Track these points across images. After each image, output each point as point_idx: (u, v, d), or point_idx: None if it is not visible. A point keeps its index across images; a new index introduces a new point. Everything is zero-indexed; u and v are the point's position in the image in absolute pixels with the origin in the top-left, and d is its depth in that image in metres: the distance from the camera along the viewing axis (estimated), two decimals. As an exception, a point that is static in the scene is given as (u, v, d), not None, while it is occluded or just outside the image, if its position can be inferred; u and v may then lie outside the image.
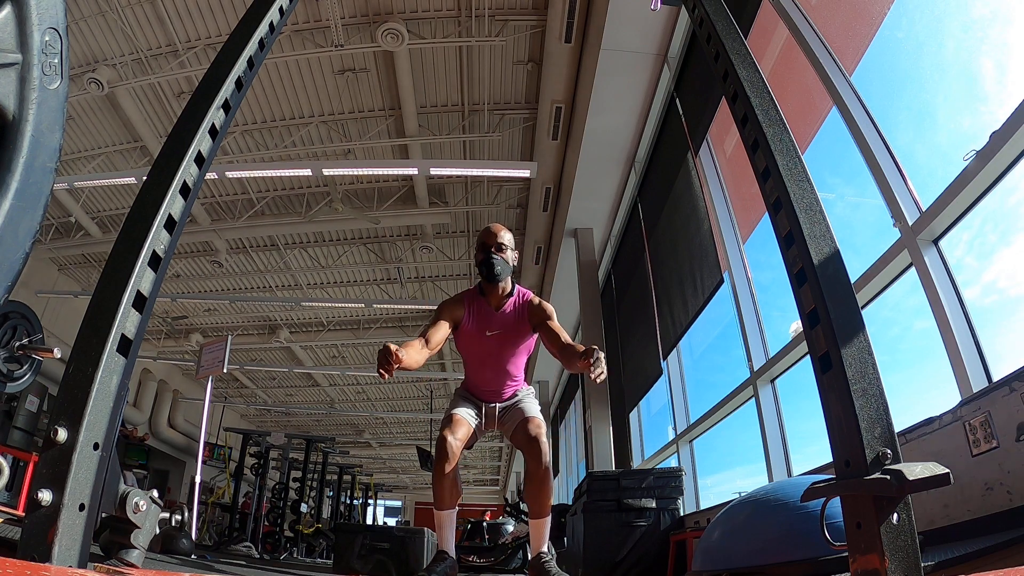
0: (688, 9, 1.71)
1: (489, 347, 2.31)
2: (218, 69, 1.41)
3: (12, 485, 4.76)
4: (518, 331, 2.31)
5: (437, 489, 2.16)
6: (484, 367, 2.36)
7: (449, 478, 2.15)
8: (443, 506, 2.18)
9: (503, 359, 2.33)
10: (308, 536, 8.14)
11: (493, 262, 2.26)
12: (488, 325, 2.30)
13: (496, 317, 2.31)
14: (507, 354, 2.32)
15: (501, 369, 2.34)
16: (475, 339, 2.31)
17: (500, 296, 2.33)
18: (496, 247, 2.28)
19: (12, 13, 0.80)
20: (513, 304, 2.33)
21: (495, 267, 2.26)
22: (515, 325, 2.31)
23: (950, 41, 2.49)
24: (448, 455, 2.13)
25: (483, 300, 2.34)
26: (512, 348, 2.32)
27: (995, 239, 2.23)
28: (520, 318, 2.31)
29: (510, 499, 11.99)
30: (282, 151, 7.80)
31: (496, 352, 2.31)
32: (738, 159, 4.32)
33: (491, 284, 2.30)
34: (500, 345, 2.30)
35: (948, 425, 1.87)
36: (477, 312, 2.32)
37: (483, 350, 2.32)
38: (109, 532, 1.21)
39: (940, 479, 0.87)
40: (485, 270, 2.28)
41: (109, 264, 1.11)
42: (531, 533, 2.25)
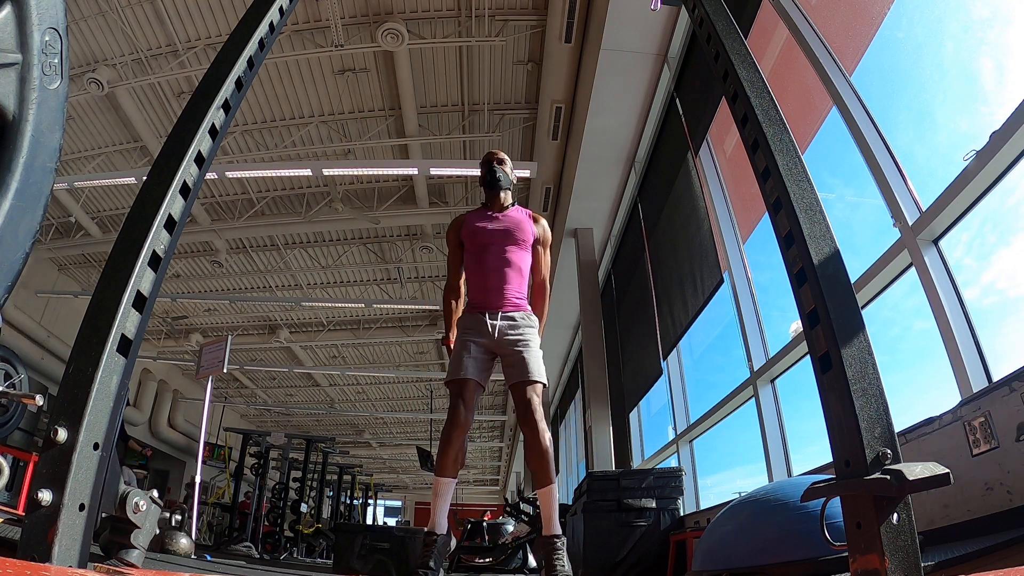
0: (688, 9, 1.71)
1: (490, 237, 2.39)
2: (218, 69, 1.41)
3: (12, 485, 4.75)
4: (520, 227, 2.41)
5: (443, 455, 2.14)
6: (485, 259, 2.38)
7: (455, 445, 2.14)
8: (445, 472, 2.15)
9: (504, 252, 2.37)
10: (308, 536, 8.13)
11: (494, 169, 2.45)
12: (490, 221, 2.44)
13: (498, 216, 2.45)
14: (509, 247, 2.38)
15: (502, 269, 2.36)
16: (477, 234, 2.41)
17: (502, 204, 2.48)
18: (497, 160, 2.48)
19: (12, 13, 0.80)
20: (516, 211, 2.49)
21: (496, 173, 2.45)
22: (517, 224, 2.43)
23: (949, 42, 2.49)
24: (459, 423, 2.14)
25: (484, 208, 2.50)
26: (514, 243, 2.39)
27: (994, 240, 2.23)
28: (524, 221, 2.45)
29: (510, 499, 11.98)
30: (282, 151, 7.81)
31: (499, 243, 2.38)
32: (738, 159, 4.32)
33: (493, 191, 2.47)
34: (502, 238, 2.39)
35: (948, 425, 1.87)
36: (480, 216, 2.47)
37: (484, 240, 2.40)
38: (109, 532, 1.21)
39: (940, 479, 0.87)
40: (488, 177, 2.45)
41: (109, 264, 1.11)
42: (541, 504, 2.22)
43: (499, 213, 2.45)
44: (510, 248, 2.38)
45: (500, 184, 2.44)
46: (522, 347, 2.28)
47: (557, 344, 10.16)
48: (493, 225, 2.41)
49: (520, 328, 2.32)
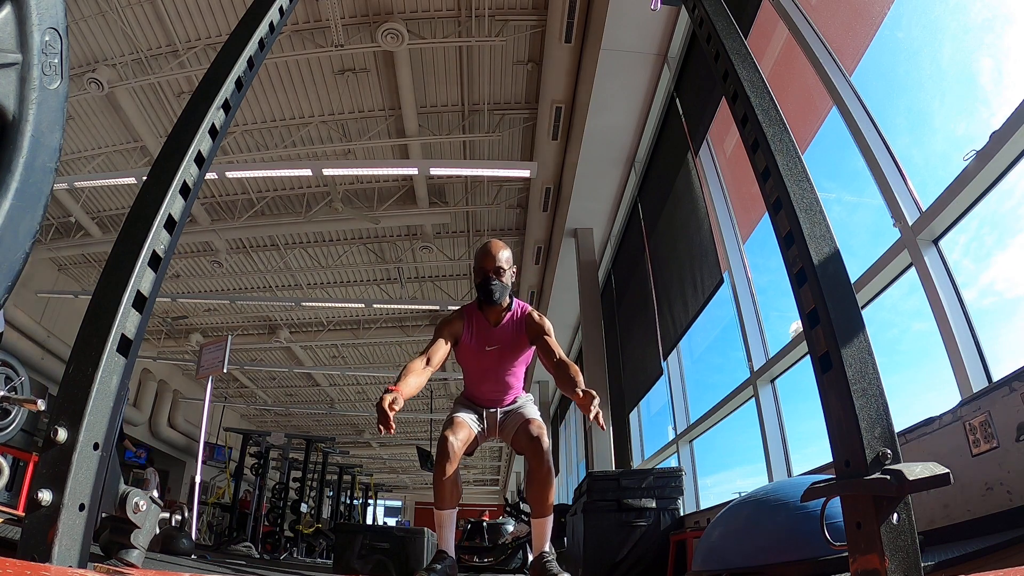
0: (688, 9, 1.71)
1: (489, 361, 2.35)
2: (218, 69, 1.41)
3: (12, 485, 4.75)
4: (516, 345, 2.34)
5: (438, 489, 2.18)
6: (484, 380, 2.40)
7: (450, 478, 2.17)
8: (444, 506, 2.20)
9: (502, 371, 2.36)
10: (308, 536, 8.13)
11: (492, 288, 2.27)
12: (487, 340, 2.33)
13: (495, 332, 2.33)
14: (506, 367, 2.36)
15: (501, 381, 2.38)
16: (475, 354, 2.35)
17: (499, 312, 2.35)
18: (494, 272, 2.28)
19: (12, 13, 0.80)
20: (511, 319, 2.34)
21: (494, 293, 2.28)
22: (513, 340, 2.33)
23: (948, 42, 2.49)
24: (449, 455, 2.15)
25: (481, 315, 2.36)
26: (511, 361, 2.36)
27: (992, 242, 2.23)
28: (518, 332, 2.33)
29: (510, 499, 11.98)
30: (282, 151, 7.81)
31: (495, 366, 2.35)
32: (738, 159, 4.32)
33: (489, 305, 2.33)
34: (499, 359, 2.34)
35: (948, 425, 1.87)
36: (476, 328, 2.34)
37: (483, 364, 2.36)
38: (109, 532, 1.21)
39: (940, 479, 0.87)
40: (484, 295, 2.30)
41: (109, 264, 1.11)
42: (533, 532, 2.27)
43: (496, 327, 2.33)
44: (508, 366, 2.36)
45: (497, 302, 2.29)
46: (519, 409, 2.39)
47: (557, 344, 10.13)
48: (491, 346, 2.32)
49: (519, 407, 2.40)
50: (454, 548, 2.24)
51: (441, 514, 2.21)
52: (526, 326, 2.32)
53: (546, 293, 9.17)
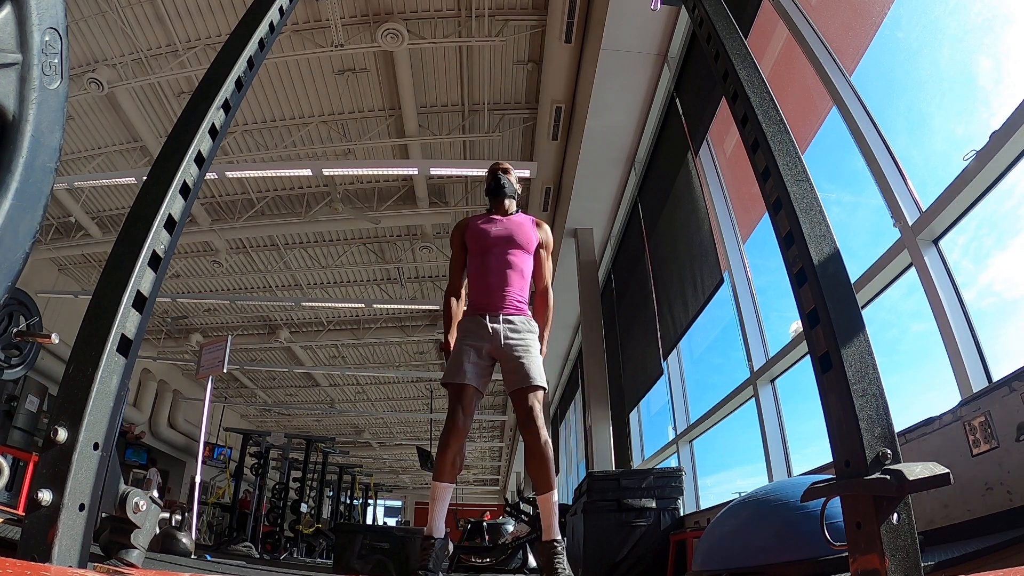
0: (688, 9, 1.71)
1: (493, 241, 2.42)
2: (218, 69, 1.41)
3: (12, 485, 4.76)
4: (523, 232, 2.45)
5: (441, 459, 2.14)
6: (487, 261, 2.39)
7: (454, 449, 2.14)
8: (443, 477, 2.15)
9: (507, 255, 2.40)
10: (308, 536, 8.13)
11: (500, 178, 2.53)
12: (494, 225, 2.47)
13: (502, 220, 2.49)
14: (511, 251, 2.40)
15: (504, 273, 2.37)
16: (480, 237, 2.44)
17: (506, 210, 2.54)
18: (502, 170, 2.56)
19: (12, 13, 0.80)
20: (520, 216, 2.54)
21: (501, 181, 2.52)
22: (520, 228, 2.47)
23: (948, 43, 2.49)
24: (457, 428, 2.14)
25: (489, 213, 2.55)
26: (516, 246, 2.41)
27: (991, 243, 2.23)
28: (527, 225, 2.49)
29: (510, 499, 11.98)
30: (282, 151, 7.81)
31: (501, 246, 2.40)
32: (738, 159, 4.32)
33: (498, 199, 2.54)
34: (505, 241, 2.41)
35: (948, 425, 1.87)
36: (484, 220, 2.51)
37: (487, 244, 2.42)
38: (109, 532, 1.21)
39: (940, 479, 0.87)
40: (494, 184, 2.53)
41: (109, 264, 1.11)
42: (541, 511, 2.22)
43: (503, 218, 2.50)
44: (513, 251, 2.40)
45: (505, 192, 2.52)
46: (522, 352, 2.27)
47: (557, 344, 10.16)
48: (496, 229, 2.44)
49: (521, 332, 2.31)
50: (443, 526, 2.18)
51: (438, 486, 2.15)
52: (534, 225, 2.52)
53: (546, 293, 9.14)
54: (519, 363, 2.25)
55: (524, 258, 2.42)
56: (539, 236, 2.49)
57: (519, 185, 2.61)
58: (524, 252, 2.42)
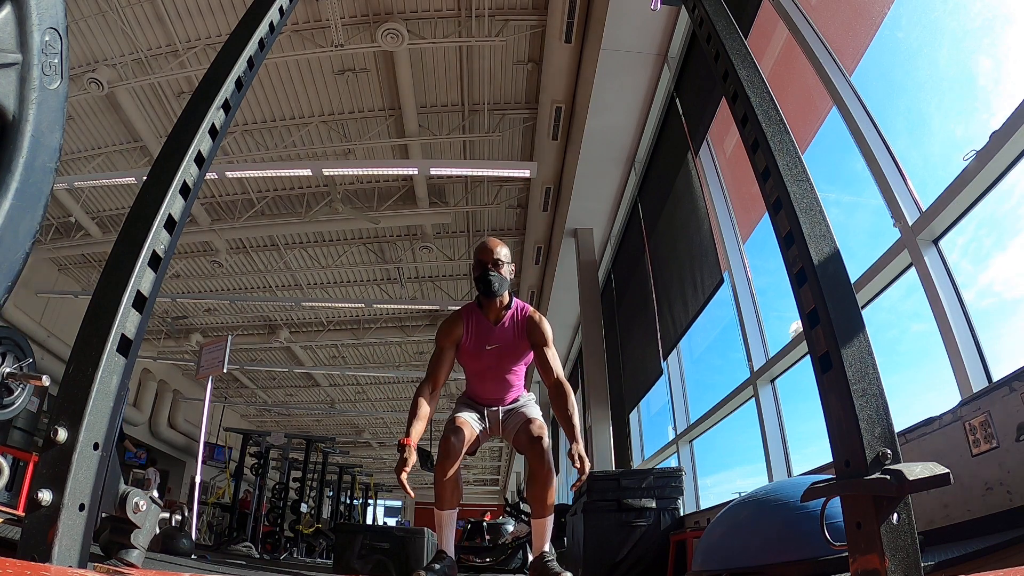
0: (688, 9, 1.71)
1: (489, 361, 2.33)
2: (218, 69, 1.41)
3: (12, 485, 4.75)
4: (517, 346, 2.33)
5: (439, 489, 2.18)
6: (485, 379, 2.39)
7: (451, 479, 2.17)
8: (444, 506, 2.20)
9: (503, 371, 2.36)
10: (308, 536, 8.13)
11: (490, 279, 2.26)
12: (487, 340, 2.31)
13: (495, 332, 2.31)
14: (507, 366, 2.36)
15: (501, 380, 2.38)
16: (475, 355, 2.34)
17: (498, 309, 2.33)
18: (492, 264, 2.28)
19: (12, 13, 0.80)
20: (511, 318, 2.33)
21: (492, 284, 2.26)
22: (514, 340, 2.32)
23: (947, 43, 2.49)
24: (451, 456, 2.15)
25: (481, 314, 2.34)
26: (511, 361, 2.36)
27: (990, 243, 2.23)
28: (519, 333, 2.32)
29: (510, 499, 11.97)
30: (282, 151, 7.80)
31: (496, 365, 2.34)
32: (738, 159, 4.32)
33: (489, 300, 2.32)
34: (499, 358, 2.33)
35: (948, 425, 1.87)
36: (476, 328, 2.33)
37: (483, 364, 2.35)
38: (109, 532, 1.21)
39: (940, 479, 0.87)
40: (482, 286, 2.28)
41: (109, 264, 1.11)
42: (533, 532, 2.26)
43: (496, 325, 2.32)
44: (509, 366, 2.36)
45: (496, 293, 2.28)
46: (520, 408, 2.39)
47: (557, 344, 10.12)
48: (490, 347, 2.31)
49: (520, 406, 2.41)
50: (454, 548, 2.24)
51: (441, 514, 2.22)
52: (527, 328, 2.32)
53: (546, 293, 9.17)
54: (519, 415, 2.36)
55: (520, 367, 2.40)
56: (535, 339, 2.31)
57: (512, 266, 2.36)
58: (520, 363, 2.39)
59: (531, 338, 2.30)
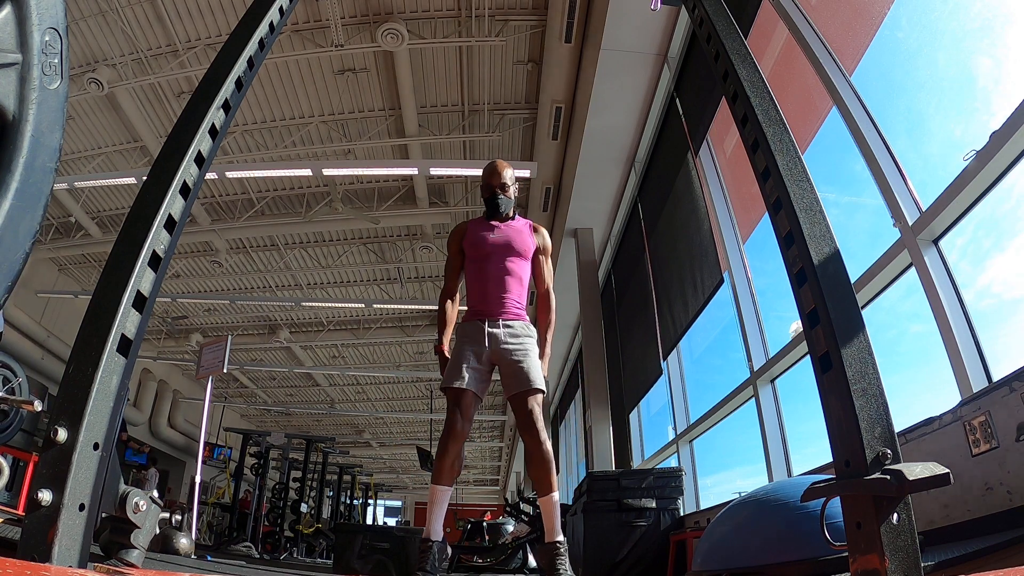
0: (688, 9, 1.71)
1: (491, 248, 2.41)
2: (218, 69, 1.41)
3: (12, 485, 4.75)
4: (521, 239, 2.44)
5: (439, 463, 2.15)
6: (485, 268, 2.40)
7: (452, 453, 2.15)
8: (441, 480, 2.15)
9: (505, 262, 2.39)
10: (308, 536, 8.13)
11: (499, 202, 2.45)
12: (491, 231, 2.45)
13: (500, 227, 2.47)
14: (510, 258, 2.40)
15: (503, 272, 2.38)
16: (478, 244, 2.42)
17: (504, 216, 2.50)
18: (500, 187, 2.46)
19: (12, 13, 0.80)
20: (518, 222, 2.51)
21: (500, 206, 2.45)
22: (518, 235, 2.45)
23: (947, 43, 2.49)
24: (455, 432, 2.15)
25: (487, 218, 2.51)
26: (515, 253, 2.41)
27: (989, 244, 2.23)
28: (524, 230, 2.47)
29: (510, 499, 11.98)
30: (282, 151, 7.81)
31: (500, 254, 2.40)
32: (738, 159, 4.32)
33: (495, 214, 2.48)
34: (503, 248, 2.41)
35: (948, 425, 1.87)
36: (481, 225, 2.49)
37: (485, 251, 2.41)
38: (109, 532, 1.21)
39: (940, 479, 0.87)
40: (491, 208, 2.46)
41: (109, 264, 1.11)
42: (543, 513, 2.24)
43: (501, 224, 2.47)
44: (511, 259, 2.40)
45: (501, 212, 2.47)
46: (521, 356, 2.28)
47: (557, 344, 10.16)
48: (494, 236, 2.42)
49: (519, 337, 2.32)
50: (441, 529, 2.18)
51: (437, 489, 2.16)
52: (532, 230, 2.50)
53: (546, 293, 9.15)
54: (518, 367, 2.25)
55: (522, 265, 2.43)
56: (537, 241, 2.48)
57: (517, 187, 2.55)
58: (522, 259, 2.43)
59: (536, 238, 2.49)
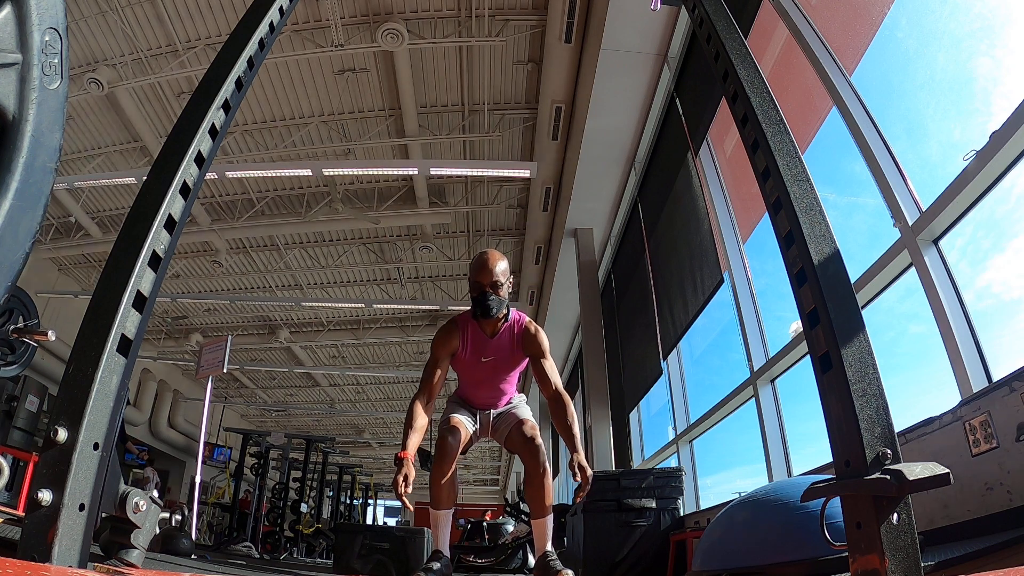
0: (688, 9, 1.71)
1: (484, 372, 2.34)
2: (218, 69, 1.41)
3: (12, 485, 4.75)
4: (512, 357, 2.33)
5: (435, 490, 2.21)
6: (479, 387, 2.41)
7: (447, 479, 2.19)
8: (440, 506, 2.23)
9: (497, 380, 2.38)
10: (308, 536, 8.14)
11: (489, 304, 2.20)
12: (483, 352, 2.29)
13: (491, 344, 2.29)
14: (501, 376, 2.37)
15: (495, 388, 2.40)
16: (470, 365, 2.33)
17: (495, 323, 2.29)
18: (491, 286, 2.20)
19: (12, 13, 0.80)
20: (508, 330, 2.30)
21: (491, 308, 2.20)
22: (510, 352, 2.30)
23: (947, 44, 2.49)
24: (447, 458, 2.18)
25: (477, 326, 2.30)
26: (506, 372, 2.37)
27: (988, 245, 2.23)
28: (515, 345, 2.30)
29: (510, 499, 11.96)
30: (282, 151, 7.80)
31: (491, 375, 2.36)
32: (738, 159, 4.32)
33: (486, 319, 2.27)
34: (495, 370, 2.34)
35: (948, 425, 1.87)
36: (472, 339, 2.30)
37: (478, 375, 2.37)
38: (109, 532, 1.21)
39: (940, 479, 0.87)
40: (480, 310, 2.22)
41: (109, 264, 1.11)
42: (534, 533, 2.27)
43: (492, 339, 2.29)
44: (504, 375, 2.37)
45: (493, 315, 2.22)
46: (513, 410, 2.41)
47: (557, 344, 10.16)
48: (487, 357, 2.30)
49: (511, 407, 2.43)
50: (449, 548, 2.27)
51: (438, 514, 2.24)
52: (523, 341, 2.29)
53: (546, 293, 9.17)
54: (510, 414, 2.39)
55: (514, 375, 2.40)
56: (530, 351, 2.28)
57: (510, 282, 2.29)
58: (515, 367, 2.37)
59: (528, 351, 2.28)
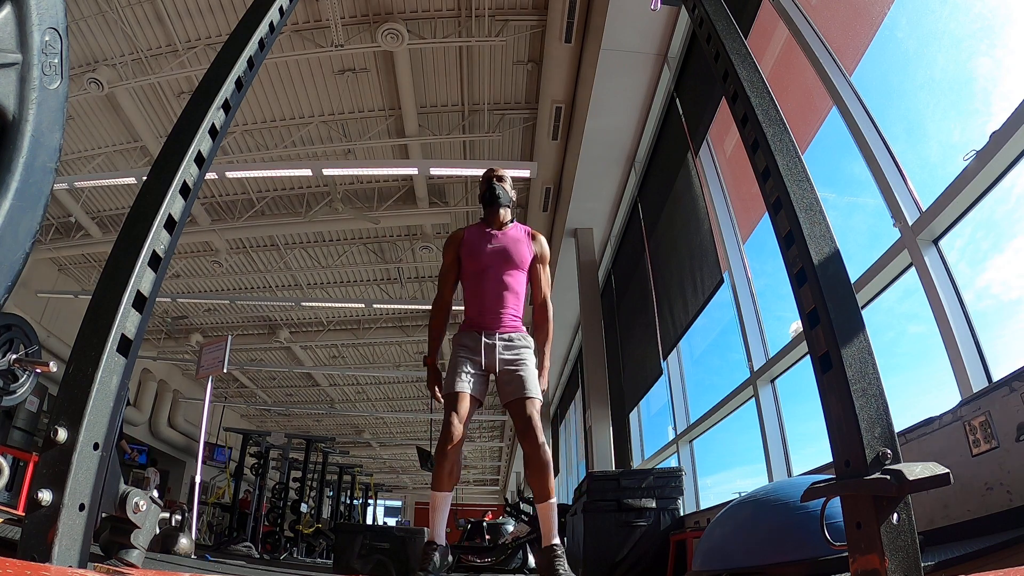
0: (688, 9, 1.71)
1: (489, 260, 2.39)
2: (218, 69, 1.41)
3: (12, 485, 4.75)
4: (518, 249, 2.42)
5: (438, 470, 2.17)
6: (483, 281, 2.40)
7: (451, 459, 2.16)
8: (441, 487, 2.18)
9: (502, 274, 2.39)
10: (308, 536, 8.14)
11: (494, 187, 2.46)
12: (489, 240, 2.43)
13: (497, 234, 2.45)
14: (507, 270, 2.39)
15: (501, 286, 2.38)
16: (476, 253, 2.41)
17: (501, 221, 2.48)
18: (497, 178, 2.49)
19: (12, 13, 0.80)
20: (517, 228, 2.50)
21: (496, 190, 2.45)
22: (515, 244, 2.42)
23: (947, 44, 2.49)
24: (453, 437, 2.15)
25: (483, 225, 2.49)
26: (512, 265, 2.40)
27: (988, 246, 2.23)
28: (522, 239, 2.46)
29: (510, 499, 11.98)
30: (282, 151, 7.81)
31: (496, 264, 2.38)
32: (738, 159, 4.32)
33: (492, 208, 2.47)
34: (501, 259, 2.39)
35: (948, 425, 1.87)
36: (479, 233, 2.47)
37: (483, 263, 2.40)
38: (109, 532, 1.21)
39: (940, 479, 0.87)
40: (488, 195, 2.46)
41: (109, 264, 1.11)
42: (540, 519, 2.24)
43: (498, 231, 2.44)
44: (508, 271, 2.39)
45: (499, 201, 2.44)
46: (518, 366, 2.31)
47: (557, 344, 10.16)
48: (492, 245, 2.40)
49: (516, 348, 2.35)
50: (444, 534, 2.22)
51: (438, 496, 2.19)
52: (531, 238, 2.48)
53: (546, 293, 9.14)
54: (515, 376, 2.30)
55: (519, 276, 2.43)
56: (534, 250, 2.46)
57: (514, 192, 2.54)
58: (520, 271, 2.42)
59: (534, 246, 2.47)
